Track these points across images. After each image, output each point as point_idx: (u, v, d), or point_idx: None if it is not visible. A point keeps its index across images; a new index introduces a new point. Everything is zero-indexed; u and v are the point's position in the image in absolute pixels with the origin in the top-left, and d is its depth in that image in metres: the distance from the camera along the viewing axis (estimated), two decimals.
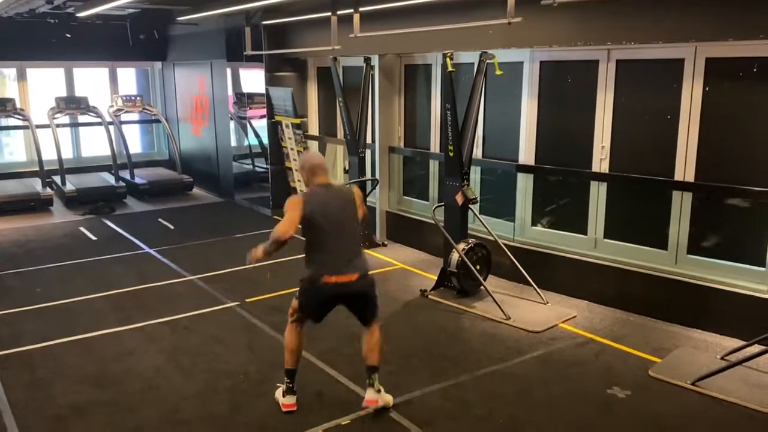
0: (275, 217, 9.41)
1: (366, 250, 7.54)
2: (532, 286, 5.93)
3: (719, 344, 4.91)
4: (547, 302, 5.81)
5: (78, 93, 11.54)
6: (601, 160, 5.87)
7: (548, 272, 6.13)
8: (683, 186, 5.35)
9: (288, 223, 3.79)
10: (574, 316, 5.53)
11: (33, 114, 10.85)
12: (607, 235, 5.97)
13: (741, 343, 4.70)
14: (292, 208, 3.84)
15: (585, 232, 6.10)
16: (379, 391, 3.98)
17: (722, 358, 4.61)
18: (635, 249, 5.74)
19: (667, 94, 5.36)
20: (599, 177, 5.91)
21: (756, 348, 4.41)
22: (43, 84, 11.48)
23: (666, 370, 4.51)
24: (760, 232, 5.01)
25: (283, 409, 3.98)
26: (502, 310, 5.51)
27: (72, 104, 11.08)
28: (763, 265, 4.99)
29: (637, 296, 5.56)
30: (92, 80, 12.00)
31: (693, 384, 4.27)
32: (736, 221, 5.29)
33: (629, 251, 5.77)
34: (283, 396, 4.02)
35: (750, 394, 4.14)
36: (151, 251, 7.69)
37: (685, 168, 5.32)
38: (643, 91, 5.60)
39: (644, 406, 4.08)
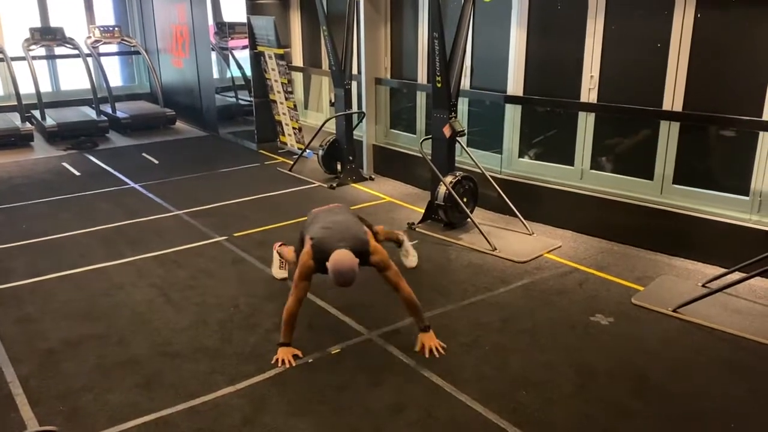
0: (261, 151, 9.33)
1: (353, 184, 7.56)
2: (518, 217, 5.97)
3: (701, 272, 5.01)
4: (533, 233, 5.87)
5: (53, 24, 11.15)
6: (589, 90, 5.81)
7: (534, 204, 6.17)
8: (671, 116, 5.33)
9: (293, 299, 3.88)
10: (559, 247, 5.60)
11: (7, 46, 10.50)
12: (593, 166, 5.98)
13: (722, 270, 4.80)
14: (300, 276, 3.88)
15: (572, 164, 6.10)
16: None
17: (703, 286, 4.71)
18: (621, 179, 5.77)
19: (658, 22, 5.26)
20: (587, 107, 5.86)
21: (736, 275, 4.51)
22: (15, 14, 11.06)
23: (648, 297, 4.61)
24: (744, 161, 5.03)
25: None
26: (488, 242, 5.56)
27: (47, 35, 10.71)
28: (747, 194, 5.04)
29: (621, 226, 5.62)
30: (67, 10, 11.57)
31: (674, 311, 4.38)
32: (722, 151, 5.30)
33: (615, 182, 5.80)
34: None
35: (729, 320, 4.26)
36: (137, 186, 7.62)
37: (673, 97, 5.28)
38: (634, 19, 5.49)
39: (626, 333, 4.19)
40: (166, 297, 4.75)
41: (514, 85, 6.34)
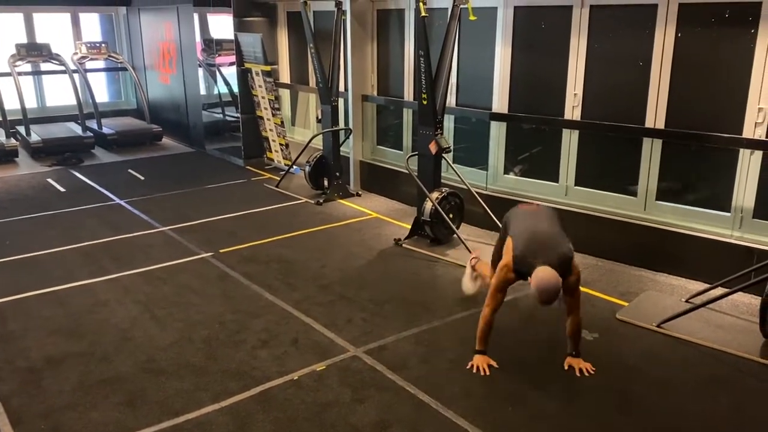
0: (248, 167, 9.32)
1: (340, 200, 7.57)
2: None
3: (684, 287, 5.05)
4: None
5: (39, 40, 11.12)
6: (573, 108, 5.88)
7: None
8: (654, 133, 5.40)
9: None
10: None
11: None
12: (578, 183, 6.03)
13: (705, 286, 4.85)
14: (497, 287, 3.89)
15: (557, 180, 6.15)
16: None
17: (687, 301, 4.75)
18: (605, 196, 5.82)
19: (640, 41, 5.35)
20: (571, 125, 5.93)
21: (719, 290, 4.55)
22: (1, 30, 11.03)
23: (632, 313, 4.64)
24: (726, 178, 5.10)
25: None
26: None
27: (34, 51, 10.68)
28: (729, 211, 5.11)
29: (606, 242, 5.67)
30: (54, 27, 11.55)
31: (658, 326, 4.41)
32: (703, 168, 5.37)
33: (599, 198, 5.85)
34: None
35: (712, 335, 4.30)
36: (122, 202, 7.58)
37: (656, 115, 5.36)
38: (616, 37, 5.58)
39: (611, 348, 4.22)
40: (151, 314, 4.72)
41: (499, 102, 6.41)
